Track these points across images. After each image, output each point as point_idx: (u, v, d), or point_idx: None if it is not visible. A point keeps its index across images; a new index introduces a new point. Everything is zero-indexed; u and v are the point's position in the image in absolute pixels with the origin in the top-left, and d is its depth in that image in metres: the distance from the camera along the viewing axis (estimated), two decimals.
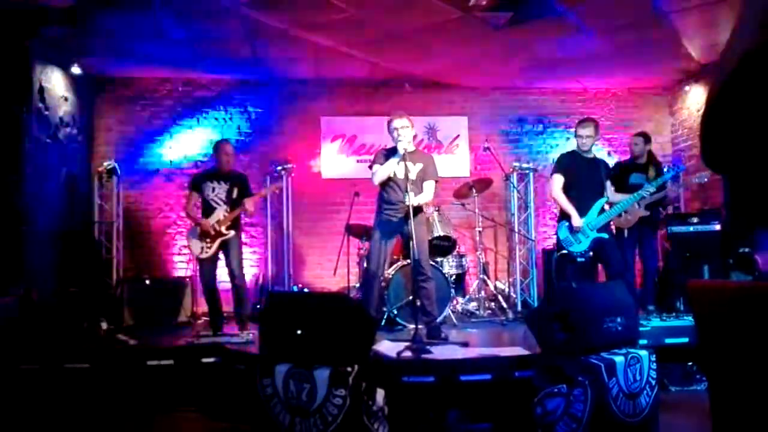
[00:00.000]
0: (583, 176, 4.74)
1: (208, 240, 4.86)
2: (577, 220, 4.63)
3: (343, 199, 6.54)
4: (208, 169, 5.39)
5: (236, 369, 3.68)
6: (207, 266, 4.92)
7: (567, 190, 4.76)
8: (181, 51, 6.14)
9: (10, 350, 3.82)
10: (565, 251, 4.71)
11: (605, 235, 4.67)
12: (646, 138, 5.61)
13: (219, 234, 4.86)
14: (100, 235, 6.66)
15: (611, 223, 4.92)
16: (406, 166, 4.18)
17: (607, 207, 4.75)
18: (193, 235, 4.93)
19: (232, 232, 4.92)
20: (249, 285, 6.20)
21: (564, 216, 4.75)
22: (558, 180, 4.79)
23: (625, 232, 5.30)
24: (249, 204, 4.93)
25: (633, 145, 5.61)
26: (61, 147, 6.20)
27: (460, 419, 3.25)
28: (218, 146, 5.13)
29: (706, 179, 5.18)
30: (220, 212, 4.90)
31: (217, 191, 4.96)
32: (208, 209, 4.95)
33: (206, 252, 4.86)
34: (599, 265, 4.99)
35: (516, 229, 7.16)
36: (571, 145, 4.98)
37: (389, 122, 4.44)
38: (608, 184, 4.85)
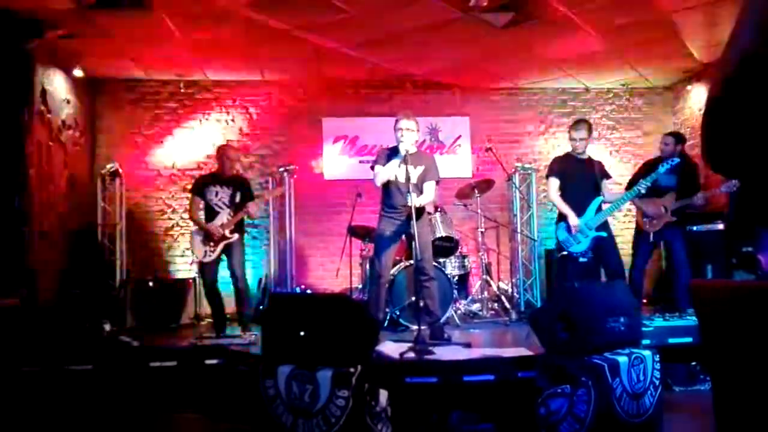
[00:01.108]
0: (578, 177, 4.76)
1: (211, 244, 4.85)
2: (573, 220, 4.63)
3: (346, 200, 6.54)
4: (210, 173, 5.39)
5: (239, 370, 3.67)
6: (209, 268, 4.92)
7: (563, 191, 4.79)
8: (182, 53, 6.15)
9: (13, 352, 3.82)
10: (565, 252, 4.71)
11: (604, 234, 4.68)
12: (678, 138, 5.31)
13: (223, 237, 4.86)
14: (103, 237, 6.67)
15: (610, 221, 4.89)
16: (407, 169, 4.17)
17: (604, 206, 4.75)
18: (197, 238, 4.93)
19: (236, 236, 4.91)
20: (251, 286, 6.20)
21: (561, 217, 4.77)
22: (554, 183, 4.82)
23: (651, 235, 5.17)
24: (252, 208, 4.94)
25: (663, 145, 5.31)
26: (63, 149, 6.21)
27: (463, 420, 3.25)
28: (221, 151, 5.13)
29: (734, 188, 4.95)
30: (224, 216, 4.90)
31: (220, 195, 4.95)
32: (211, 213, 4.94)
33: (209, 256, 4.85)
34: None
35: (518, 230, 7.15)
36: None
37: (396, 121, 4.42)
38: (604, 182, 4.84)
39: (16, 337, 3.94)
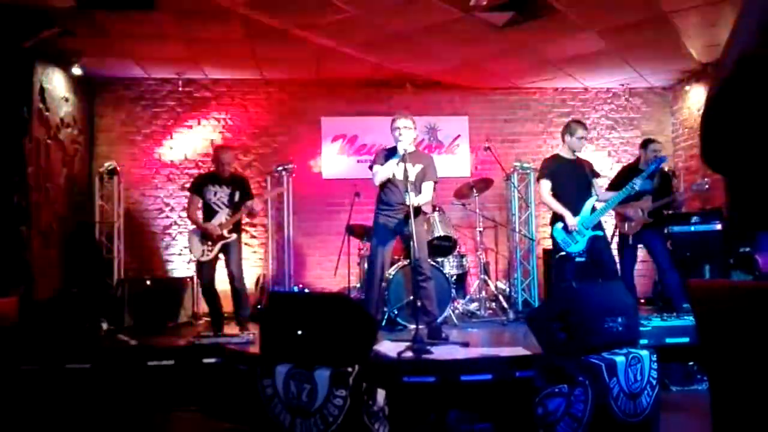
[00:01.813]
0: (570, 177, 4.76)
1: (209, 243, 4.85)
2: (571, 220, 4.62)
3: (344, 199, 6.54)
4: (208, 172, 5.38)
5: (237, 369, 3.67)
6: (206, 268, 4.91)
7: (555, 192, 4.78)
8: (181, 51, 6.14)
9: (11, 351, 3.82)
10: (563, 252, 4.70)
11: (600, 233, 4.69)
12: (657, 146, 5.47)
13: (221, 237, 4.85)
14: (101, 236, 6.66)
15: (611, 222, 4.90)
16: (405, 167, 4.17)
17: (597, 205, 4.76)
18: (195, 237, 4.92)
19: (234, 236, 4.91)
20: (249, 285, 6.19)
21: (556, 218, 4.75)
22: (546, 185, 4.80)
23: (630, 238, 5.25)
24: (256, 204, 4.95)
25: (651, 153, 5.36)
26: (62, 147, 6.20)
27: (461, 419, 3.25)
28: (217, 152, 5.11)
29: (706, 186, 5.13)
30: (222, 216, 4.89)
31: (219, 195, 4.95)
32: (209, 213, 4.93)
33: (207, 255, 4.85)
34: None
35: (517, 229, 7.16)
36: None
37: (392, 121, 4.44)
38: (595, 182, 4.86)
39: (14, 335, 3.94)
